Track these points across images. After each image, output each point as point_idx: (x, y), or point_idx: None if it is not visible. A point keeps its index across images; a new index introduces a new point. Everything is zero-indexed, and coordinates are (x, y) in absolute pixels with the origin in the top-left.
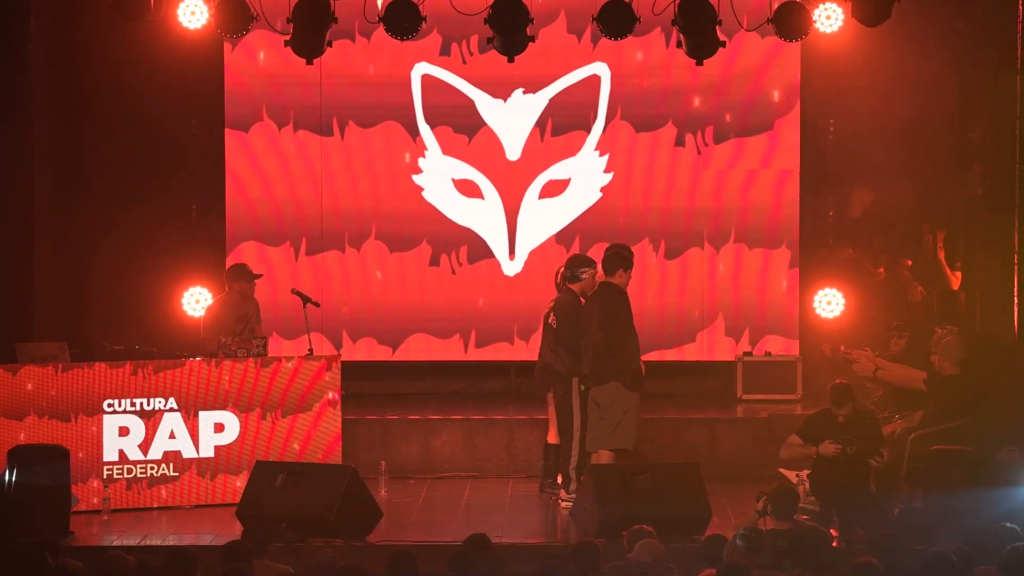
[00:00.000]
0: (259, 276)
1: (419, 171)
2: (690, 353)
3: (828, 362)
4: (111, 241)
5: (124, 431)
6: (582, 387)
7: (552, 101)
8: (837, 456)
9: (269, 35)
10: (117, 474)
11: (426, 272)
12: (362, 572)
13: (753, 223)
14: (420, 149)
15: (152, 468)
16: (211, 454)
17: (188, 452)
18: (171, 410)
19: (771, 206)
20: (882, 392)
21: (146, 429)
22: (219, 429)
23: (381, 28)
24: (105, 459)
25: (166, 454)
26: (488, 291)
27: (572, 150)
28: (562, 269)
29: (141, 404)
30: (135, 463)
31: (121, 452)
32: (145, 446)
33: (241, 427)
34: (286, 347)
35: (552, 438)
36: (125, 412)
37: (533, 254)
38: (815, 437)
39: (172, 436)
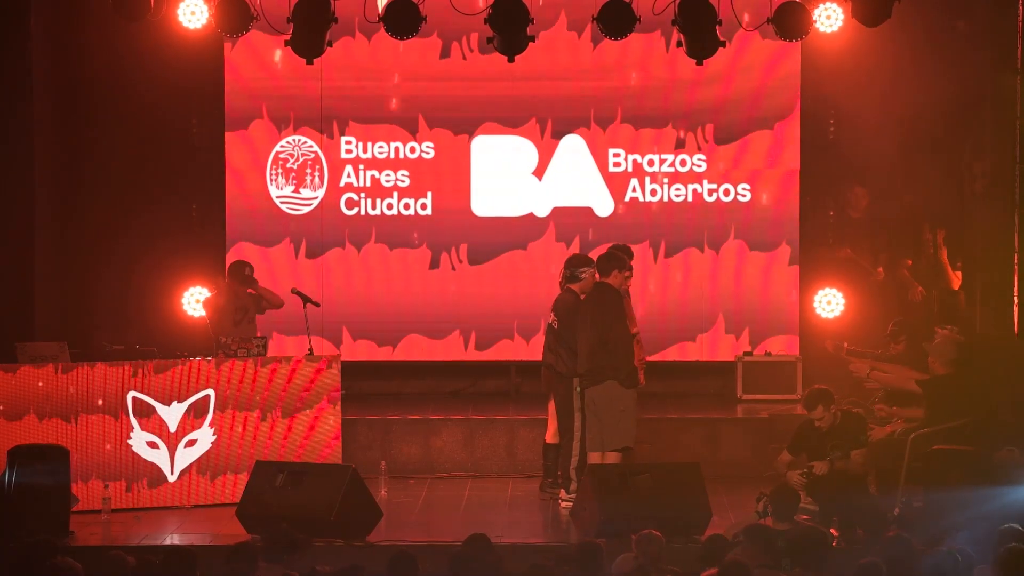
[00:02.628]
0: (250, 272)
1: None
2: (690, 353)
3: (828, 362)
4: (111, 241)
5: None
6: (578, 389)
7: (552, 101)
8: (829, 470)
9: (269, 35)
10: None
11: (426, 272)
12: (362, 572)
13: (753, 223)
14: (419, 149)
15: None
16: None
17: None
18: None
19: (771, 206)
20: (883, 392)
21: None
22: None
23: (381, 28)
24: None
25: None
26: (488, 290)
27: (573, 150)
28: (562, 269)
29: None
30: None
31: None
32: None
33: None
34: (286, 347)
35: (550, 437)
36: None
37: (535, 253)
38: (801, 448)
39: None
